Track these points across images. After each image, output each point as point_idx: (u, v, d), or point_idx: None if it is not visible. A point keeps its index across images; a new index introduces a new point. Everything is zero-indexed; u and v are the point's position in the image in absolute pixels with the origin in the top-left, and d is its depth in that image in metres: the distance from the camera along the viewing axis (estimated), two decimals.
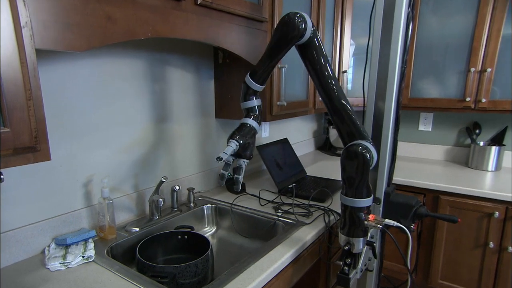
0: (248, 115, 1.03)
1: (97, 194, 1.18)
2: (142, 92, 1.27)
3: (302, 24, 0.89)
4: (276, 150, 1.71)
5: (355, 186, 0.89)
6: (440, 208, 1.70)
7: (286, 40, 0.91)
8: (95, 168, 1.18)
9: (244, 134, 1.00)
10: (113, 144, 1.22)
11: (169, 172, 1.43)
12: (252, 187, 1.66)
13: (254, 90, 1.01)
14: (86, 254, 1.00)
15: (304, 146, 2.47)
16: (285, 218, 1.27)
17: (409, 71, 1.94)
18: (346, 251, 0.93)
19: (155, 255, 1.15)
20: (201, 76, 1.50)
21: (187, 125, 1.48)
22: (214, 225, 1.44)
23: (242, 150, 1.00)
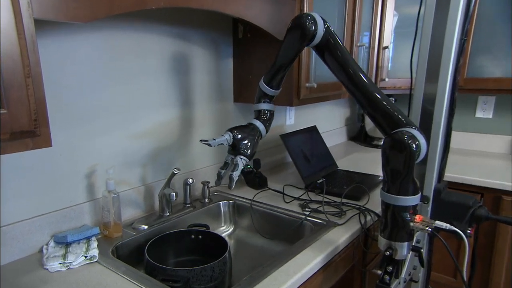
0: (257, 117, 1.11)
1: (101, 187, 1.19)
2: (152, 71, 1.27)
3: (312, 26, 0.96)
4: (303, 139, 1.71)
5: (400, 181, 0.87)
6: (502, 211, 1.63)
7: (296, 43, 0.99)
8: (99, 158, 1.18)
9: (245, 131, 1.08)
10: (119, 130, 1.22)
11: (181, 163, 1.43)
12: (275, 181, 1.66)
13: (267, 94, 1.10)
14: (89, 254, 1.01)
15: (335, 136, 2.45)
16: (314, 217, 1.26)
17: (467, 45, 1.83)
18: (387, 257, 0.92)
19: (166, 256, 1.15)
20: (219, 54, 1.50)
21: (202, 111, 1.49)
22: (232, 224, 1.45)
23: (240, 146, 1.06)
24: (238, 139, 1.07)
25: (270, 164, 1.89)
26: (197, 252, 1.17)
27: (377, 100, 0.92)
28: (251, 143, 1.08)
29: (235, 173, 1.04)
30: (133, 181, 1.29)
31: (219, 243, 1.10)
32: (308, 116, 2.09)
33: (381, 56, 1.89)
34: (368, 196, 1.44)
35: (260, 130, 1.11)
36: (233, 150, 1.09)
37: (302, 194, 1.47)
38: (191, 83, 1.41)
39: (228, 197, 1.47)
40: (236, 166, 1.05)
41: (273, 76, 1.08)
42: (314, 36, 0.96)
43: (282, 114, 1.94)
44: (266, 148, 1.86)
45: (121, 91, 1.20)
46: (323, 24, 0.97)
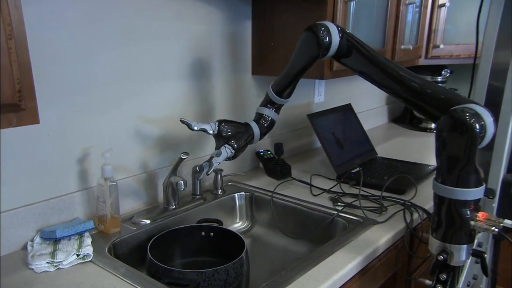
0: (256, 120, 1.22)
1: (96, 173, 1.19)
2: (154, 34, 1.27)
3: (325, 37, 1.05)
4: (335, 120, 1.71)
5: (459, 171, 0.85)
6: None
7: (307, 56, 1.09)
8: (93, 139, 1.18)
9: (236, 127, 1.19)
10: (118, 107, 1.22)
11: (190, 147, 1.43)
12: (301, 170, 1.66)
13: (275, 103, 1.21)
14: (81, 252, 1.01)
15: (375, 117, 2.45)
16: (348, 213, 1.26)
17: None
18: (439, 262, 0.90)
19: (172, 256, 1.16)
20: (235, 15, 1.48)
21: (215, 84, 1.48)
22: (249, 220, 1.46)
23: (227, 138, 1.17)
24: (225, 133, 1.18)
25: (295, 150, 1.89)
26: (208, 252, 1.18)
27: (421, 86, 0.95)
28: (241, 139, 1.18)
29: (215, 158, 1.14)
30: (134, 168, 1.29)
31: (235, 242, 1.10)
32: (342, 92, 2.08)
33: (435, 16, 1.85)
34: (415, 189, 1.43)
35: (254, 133, 1.20)
36: (218, 142, 1.19)
37: (333, 186, 1.47)
38: (202, 52, 1.41)
39: (245, 188, 1.48)
40: (219, 153, 1.15)
41: (283, 87, 1.18)
42: (328, 47, 1.05)
43: (310, 89, 1.92)
44: (290, 131, 1.86)
45: (121, 60, 1.20)
46: (338, 32, 1.05)
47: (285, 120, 1.82)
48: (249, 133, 1.21)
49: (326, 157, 1.61)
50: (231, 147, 1.17)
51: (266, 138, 1.72)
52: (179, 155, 1.23)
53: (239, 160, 1.61)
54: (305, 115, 1.74)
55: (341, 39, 1.05)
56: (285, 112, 1.77)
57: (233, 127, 1.20)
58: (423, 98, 0.94)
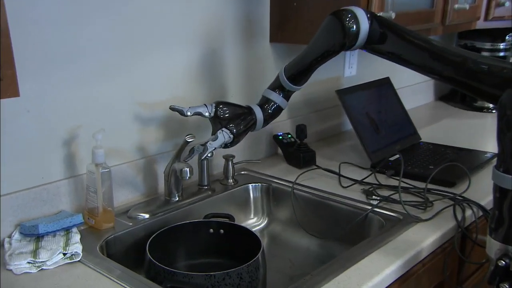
0: (260, 104, 1.26)
1: (86, 158, 1.19)
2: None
3: (352, 26, 1.07)
4: (370, 98, 1.69)
5: None
6: None
7: (330, 45, 1.13)
8: (82, 117, 1.18)
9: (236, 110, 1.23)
10: (111, 80, 1.22)
11: (196, 129, 1.43)
12: (328, 157, 1.65)
13: (285, 88, 1.24)
14: (68, 251, 1.01)
15: (418, 93, 2.42)
16: (385, 209, 1.26)
17: None
18: (501, 269, 0.89)
19: (175, 257, 1.16)
20: None
21: (225, 53, 1.47)
22: (264, 215, 1.47)
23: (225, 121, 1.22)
24: (223, 115, 1.22)
25: (320, 133, 1.88)
26: (217, 253, 1.18)
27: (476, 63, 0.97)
28: (240, 124, 1.22)
29: (210, 143, 1.19)
30: (130, 152, 1.29)
31: (249, 241, 1.10)
32: (378, 63, 2.04)
33: None
34: (469, 180, 1.40)
35: (256, 119, 1.25)
36: (214, 126, 1.24)
37: (367, 176, 1.46)
38: (210, 14, 1.40)
39: (261, 178, 1.48)
40: (215, 138, 1.19)
41: (297, 73, 1.21)
42: (356, 36, 1.08)
43: (339, 60, 1.91)
44: (314, 110, 1.85)
45: (116, 24, 1.19)
46: (367, 18, 1.07)
47: (309, 98, 1.81)
48: (251, 118, 1.24)
49: (358, 142, 1.60)
50: (229, 132, 1.21)
51: (286, 119, 1.72)
52: (184, 137, 1.23)
53: (253, 145, 1.61)
54: (333, 92, 1.69)
55: (371, 25, 1.07)
56: (309, 88, 1.75)
57: (233, 109, 1.23)
58: (479, 77, 0.95)
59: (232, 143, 1.23)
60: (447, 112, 2.34)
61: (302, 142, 1.58)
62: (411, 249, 1.06)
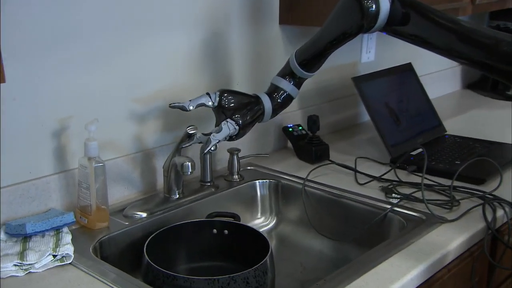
0: (268, 93, 1.26)
1: (78, 152, 1.19)
2: None
3: (372, 5, 1.05)
4: (389, 86, 1.69)
5: None
6: None
7: (346, 27, 1.12)
8: (74, 106, 1.18)
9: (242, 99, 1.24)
10: (106, 65, 1.22)
11: (198, 119, 1.41)
12: (342, 151, 1.65)
13: (296, 75, 1.24)
14: (59, 252, 1.02)
15: (444, 81, 2.41)
16: (406, 208, 1.26)
17: None
18: None
19: (175, 259, 1.17)
20: None
21: (230, 37, 1.47)
22: (273, 215, 1.47)
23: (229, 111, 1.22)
24: (227, 105, 1.22)
25: (335, 125, 1.88)
26: (221, 255, 1.18)
27: None
28: (247, 114, 1.22)
29: (214, 135, 1.18)
30: (126, 145, 1.30)
31: (256, 242, 1.11)
32: (399, 48, 2.00)
33: None
34: (500, 177, 1.39)
35: (264, 109, 1.25)
36: (218, 117, 1.24)
37: (386, 172, 1.46)
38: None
39: (269, 174, 1.48)
40: (219, 129, 1.19)
41: (309, 58, 1.21)
42: (376, 17, 1.06)
43: (356, 45, 1.90)
44: (328, 100, 1.84)
45: (112, 4, 1.20)
46: None
47: (322, 86, 1.80)
48: (258, 107, 1.24)
49: (377, 135, 1.59)
50: (235, 123, 1.20)
51: (297, 110, 1.71)
52: (185, 129, 1.23)
53: (261, 138, 1.61)
54: (349, 79, 1.69)
55: (393, 4, 1.06)
56: (322, 75, 1.74)
57: (238, 98, 1.23)
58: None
59: (237, 136, 1.23)
60: (476, 101, 2.32)
61: (315, 134, 1.57)
62: (435, 253, 1.05)
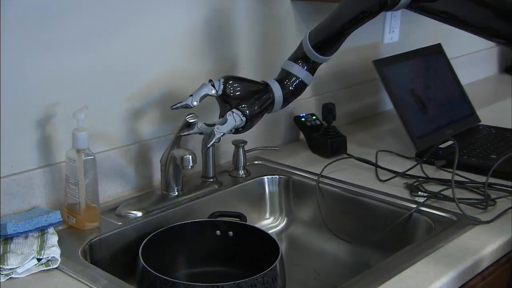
0: (279, 80, 1.25)
1: (65, 143, 1.19)
2: None
3: None
4: (416, 70, 1.69)
5: None
6: None
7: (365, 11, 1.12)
8: (61, 91, 1.18)
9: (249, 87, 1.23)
10: (96, 45, 1.22)
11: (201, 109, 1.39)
12: (362, 144, 1.66)
13: (310, 59, 1.23)
14: (44, 256, 1.01)
15: (478, 64, 2.40)
16: (434, 208, 1.26)
17: None
18: None
19: (174, 264, 1.17)
20: None
21: (235, 15, 1.48)
22: (283, 215, 1.48)
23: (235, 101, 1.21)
24: (233, 93, 1.20)
25: (353, 114, 1.88)
26: (225, 259, 1.19)
27: None
28: (254, 104, 1.21)
29: (218, 127, 1.16)
30: (119, 136, 1.30)
31: (264, 245, 1.11)
32: (427, 27, 2.03)
33: None
34: None
35: (274, 98, 1.24)
36: (222, 107, 1.23)
37: (411, 168, 1.45)
38: None
39: (278, 169, 1.48)
40: (224, 121, 1.17)
41: (325, 39, 1.20)
42: None
43: (378, 24, 1.90)
44: (346, 86, 1.85)
45: None
46: None
47: (339, 70, 1.80)
48: (267, 96, 1.23)
49: (401, 125, 1.59)
50: (241, 113, 1.19)
51: (310, 97, 1.71)
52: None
53: (270, 129, 1.61)
54: (369, 62, 1.68)
55: None
56: (339, 58, 1.72)
57: (245, 86, 1.23)
58: None
59: (244, 128, 1.22)
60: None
61: (330, 125, 1.57)
62: (467, 258, 1.05)
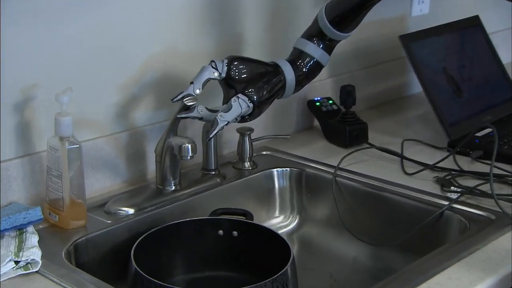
0: (291, 60, 1.27)
1: (46, 130, 1.19)
2: None
3: None
4: (449, 46, 1.70)
5: None
6: None
7: None
8: (41, 71, 1.18)
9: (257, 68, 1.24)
10: (80, 16, 1.22)
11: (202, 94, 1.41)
12: (385, 132, 1.68)
13: (326, 35, 1.24)
14: (22, 258, 1.01)
15: None
16: (469, 205, 1.26)
17: None
18: None
19: (170, 267, 1.17)
20: None
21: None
22: (295, 213, 1.49)
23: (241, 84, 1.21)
24: (238, 76, 1.21)
25: (375, 98, 1.89)
26: (229, 263, 1.19)
27: None
28: (263, 88, 1.22)
29: (222, 115, 1.17)
30: (108, 122, 1.31)
31: (273, 247, 1.12)
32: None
33: None
34: None
35: (286, 81, 1.25)
36: (226, 92, 1.24)
37: (443, 159, 1.45)
38: None
39: (290, 161, 1.49)
40: (229, 107, 1.18)
41: (344, 13, 1.21)
42: None
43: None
44: (367, 66, 1.85)
45: None
46: None
47: (359, 47, 1.80)
48: (278, 79, 1.24)
49: (431, 110, 1.59)
50: (248, 99, 1.19)
51: (326, 78, 1.71)
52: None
53: (280, 115, 1.61)
54: (395, 38, 1.69)
55: None
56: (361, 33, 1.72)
57: (252, 68, 1.23)
58: None
59: (251, 115, 1.22)
60: None
61: (349, 110, 1.58)
62: (507, 263, 1.05)
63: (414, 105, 1.87)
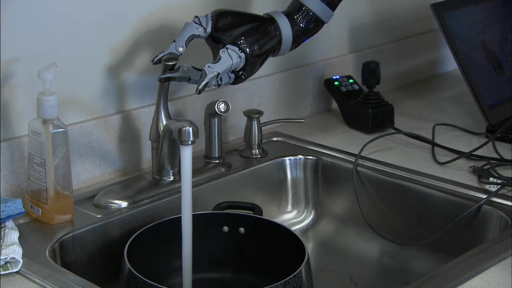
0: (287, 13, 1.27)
1: (27, 112, 1.20)
2: None
3: None
4: (488, 16, 1.70)
5: None
6: None
7: None
8: (21, 44, 1.19)
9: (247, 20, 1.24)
10: None
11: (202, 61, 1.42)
12: (413, 116, 1.70)
13: None
14: (1, 256, 1.02)
15: None
16: (509, 199, 1.26)
17: None
18: None
19: (168, 268, 1.18)
20: None
21: None
22: (310, 207, 1.50)
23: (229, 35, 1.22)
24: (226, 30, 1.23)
25: (403, 76, 1.90)
26: (235, 262, 1.21)
27: None
28: (256, 42, 1.22)
29: (210, 65, 1.16)
30: (97, 103, 1.32)
31: (286, 245, 1.13)
32: None
33: None
34: None
35: (282, 36, 1.25)
36: (215, 49, 1.25)
37: (480, 146, 1.46)
38: None
39: (304, 148, 1.51)
40: (217, 59, 1.18)
41: None
42: None
43: None
44: (392, 40, 1.86)
45: None
46: None
47: (385, 18, 1.81)
48: (273, 33, 1.24)
49: (467, 91, 1.59)
50: (238, 48, 1.19)
51: (346, 54, 1.72)
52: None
53: (292, 95, 1.62)
54: (426, 6, 1.67)
55: None
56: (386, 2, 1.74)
57: (242, 19, 1.24)
58: None
59: (244, 70, 1.22)
60: None
61: (372, 90, 1.58)
62: None
63: (448, 85, 1.88)
